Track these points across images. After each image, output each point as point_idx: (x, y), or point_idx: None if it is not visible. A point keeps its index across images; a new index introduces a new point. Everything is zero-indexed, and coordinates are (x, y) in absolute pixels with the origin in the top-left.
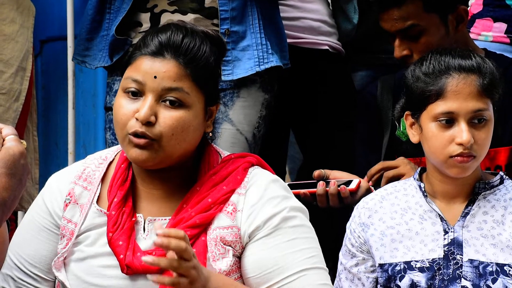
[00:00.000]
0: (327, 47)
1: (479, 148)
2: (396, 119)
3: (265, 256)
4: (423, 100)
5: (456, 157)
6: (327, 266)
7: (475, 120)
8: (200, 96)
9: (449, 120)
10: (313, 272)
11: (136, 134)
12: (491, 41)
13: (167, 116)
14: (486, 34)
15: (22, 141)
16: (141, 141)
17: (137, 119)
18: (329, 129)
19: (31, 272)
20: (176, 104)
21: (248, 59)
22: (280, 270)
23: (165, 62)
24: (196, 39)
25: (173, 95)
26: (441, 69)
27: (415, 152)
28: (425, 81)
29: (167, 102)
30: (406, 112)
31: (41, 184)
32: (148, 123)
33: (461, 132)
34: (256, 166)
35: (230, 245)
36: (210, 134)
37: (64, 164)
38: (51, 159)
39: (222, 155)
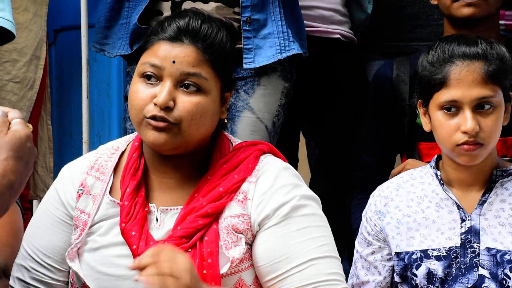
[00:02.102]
0: (338, 36)
1: (486, 136)
2: (415, 107)
3: (274, 245)
4: (430, 89)
5: (462, 146)
6: (341, 256)
7: (481, 108)
8: (217, 82)
9: (454, 108)
10: (323, 261)
11: (154, 118)
12: (504, 29)
13: (186, 101)
14: (499, 22)
15: (28, 124)
16: (160, 123)
17: (155, 104)
18: (341, 117)
19: (45, 262)
20: (195, 90)
21: (270, 47)
22: (289, 260)
23: (184, 47)
24: (213, 26)
25: (192, 80)
26: (444, 57)
27: (432, 136)
28: (430, 70)
29: (185, 88)
30: (419, 101)
31: (56, 173)
32: (166, 108)
33: (465, 120)
34: (268, 154)
35: (242, 233)
36: (226, 121)
37: (79, 153)
38: (65, 148)
39: (233, 143)
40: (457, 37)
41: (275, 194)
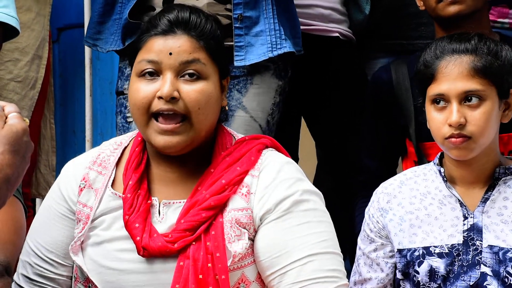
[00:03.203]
0: (337, 34)
1: (474, 129)
2: (419, 107)
3: (274, 239)
4: (423, 85)
5: (450, 139)
6: (344, 255)
7: (468, 101)
8: (214, 67)
9: (442, 101)
10: (324, 257)
11: (161, 113)
12: (508, 28)
13: (190, 90)
14: (503, 21)
15: (25, 118)
16: (170, 126)
17: (160, 97)
18: (339, 116)
19: (48, 258)
20: (196, 77)
21: (261, 45)
22: (288, 254)
23: (177, 37)
24: (201, 15)
25: (192, 67)
26: (436, 54)
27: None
28: (424, 67)
29: (187, 76)
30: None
31: (58, 171)
32: (172, 99)
33: (451, 113)
34: (270, 148)
35: (245, 228)
36: (226, 108)
37: (82, 151)
38: (68, 146)
39: (236, 137)
40: (451, 35)
41: (277, 188)
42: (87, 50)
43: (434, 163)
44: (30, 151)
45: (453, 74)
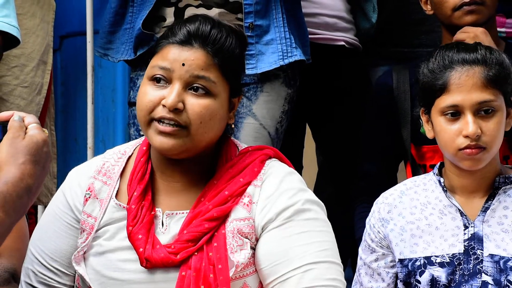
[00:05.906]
0: (343, 43)
1: (489, 140)
2: (419, 116)
3: (275, 247)
4: (431, 95)
5: (464, 150)
6: (345, 263)
7: (482, 112)
8: (225, 86)
9: (455, 113)
10: (323, 266)
11: (162, 120)
12: (504, 38)
13: (195, 104)
14: (500, 30)
15: (44, 129)
16: (168, 128)
17: (164, 105)
18: (346, 124)
19: (51, 266)
20: (203, 93)
21: (272, 53)
22: (288, 262)
23: (193, 50)
24: (223, 31)
25: (201, 83)
26: (444, 64)
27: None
28: (431, 76)
29: (194, 90)
30: (422, 109)
31: (59, 178)
32: (175, 110)
33: (467, 124)
34: (274, 159)
35: (247, 237)
36: (233, 126)
37: (84, 159)
38: (70, 154)
39: (239, 148)
40: (456, 44)
41: (280, 198)
42: (89, 57)
43: (434, 173)
44: (49, 161)
45: (468, 85)
